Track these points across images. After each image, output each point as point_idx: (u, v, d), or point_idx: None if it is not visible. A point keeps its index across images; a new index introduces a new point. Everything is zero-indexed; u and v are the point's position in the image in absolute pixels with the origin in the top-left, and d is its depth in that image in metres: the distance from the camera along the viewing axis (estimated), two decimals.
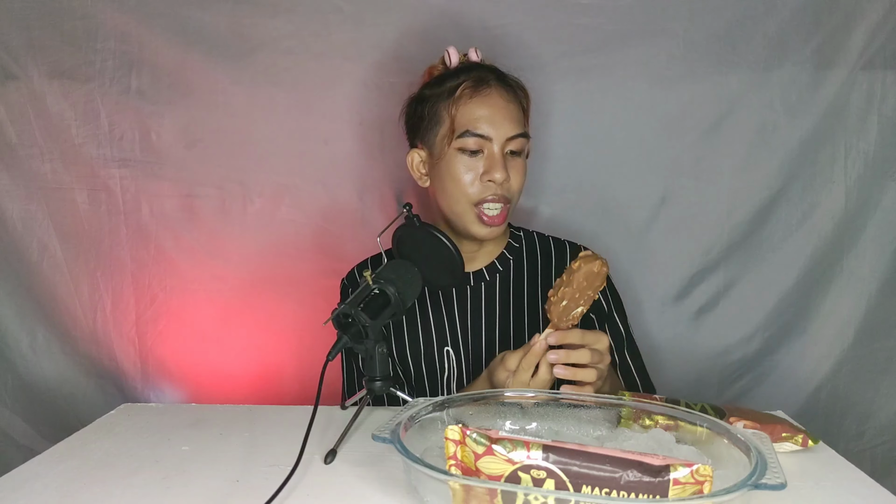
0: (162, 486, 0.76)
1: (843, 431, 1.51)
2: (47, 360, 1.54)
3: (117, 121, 1.46)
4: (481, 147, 1.07)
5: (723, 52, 1.42)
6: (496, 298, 1.17)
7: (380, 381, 0.93)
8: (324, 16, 1.43)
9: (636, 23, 1.41)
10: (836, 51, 1.40)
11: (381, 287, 0.91)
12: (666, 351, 1.53)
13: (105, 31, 1.43)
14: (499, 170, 1.05)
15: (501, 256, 1.19)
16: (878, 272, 1.45)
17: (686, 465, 0.59)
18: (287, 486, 0.71)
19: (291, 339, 1.53)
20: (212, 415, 1.00)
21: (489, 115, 1.07)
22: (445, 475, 0.62)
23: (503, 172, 1.06)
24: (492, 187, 1.07)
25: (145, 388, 1.56)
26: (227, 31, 1.44)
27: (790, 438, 0.83)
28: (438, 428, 0.76)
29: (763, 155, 1.45)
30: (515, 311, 1.16)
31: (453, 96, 1.09)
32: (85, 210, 1.50)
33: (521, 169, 1.11)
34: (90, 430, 0.95)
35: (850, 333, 1.48)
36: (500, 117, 1.07)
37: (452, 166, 1.09)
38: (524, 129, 1.10)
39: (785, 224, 1.47)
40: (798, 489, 0.73)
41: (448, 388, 1.15)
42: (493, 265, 1.18)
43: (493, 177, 1.06)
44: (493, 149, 1.07)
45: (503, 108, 1.08)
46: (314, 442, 0.86)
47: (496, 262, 1.19)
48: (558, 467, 0.61)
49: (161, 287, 1.53)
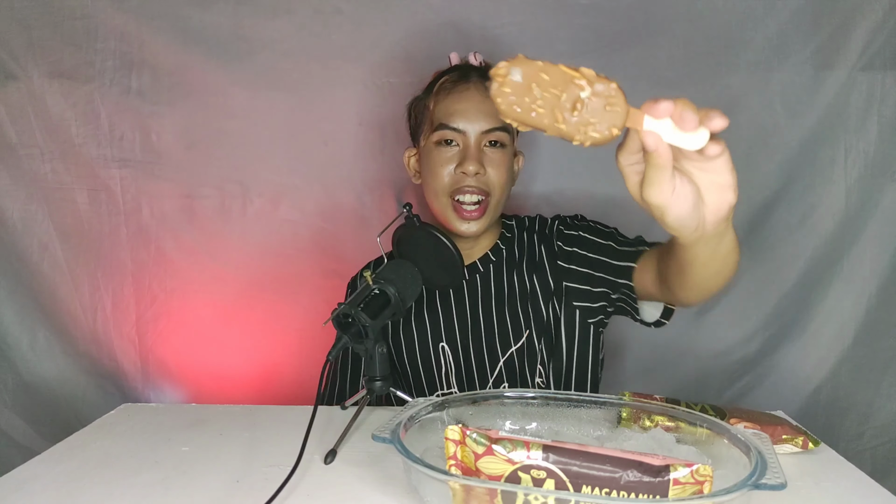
0: (162, 486, 0.76)
1: (843, 431, 1.51)
2: (47, 360, 1.54)
3: (117, 121, 1.47)
4: (457, 140, 1.09)
5: (723, 54, 1.42)
6: (491, 289, 1.16)
7: (380, 381, 0.93)
8: (324, 17, 1.43)
9: (636, 24, 1.41)
10: (835, 52, 1.40)
11: (381, 287, 0.91)
12: (666, 351, 1.53)
13: (105, 31, 1.43)
14: (472, 162, 1.07)
15: (495, 247, 1.19)
16: (878, 272, 1.45)
17: (686, 465, 0.59)
18: (287, 486, 0.71)
19: (291, 340, 1.53)
20: (212, 415, 1.00)
21: (464, 110, 1.08)
22: (445, 475, 0.61)
23: (476, 165, 1.07)
24: (465, 178, 1.08)
25: (145, 389, 1.56)
26: (228, 31, 1.44)
27: (790, 440, 0.82)
28: (438, 428, 0.76)
29: (763, 155, 1.44)
30: (509, 297, 1.15)
31: (432, 91, 1.12)
32: (85, 210, 1.50)
33: (501, 162, 1.10)
34: (90, 431, 0.95)
35: (850, 333, 1.48)
36: (475, 111, 1.08)
37: (430, 159, 1.11)
38: (504, 124, 1.09)
39: (785, 224, 1.47)
40: (798, 489, 0.73)
41: (447, 384, 1.15)
42: (486, 256, 1.18)
43: (465, 168, 1.07)
44: (469, 142, 1.08)
45: (480, 102, 1.08)
46: (314, 442, 0.86)
47: (489, 253, 1.18)
48: (558, 467, 0.61)
49: (161, 287, 1.53)
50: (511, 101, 0.58)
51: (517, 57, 0.58)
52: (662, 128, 0.56)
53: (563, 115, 0.58)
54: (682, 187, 0.60)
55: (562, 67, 0.57)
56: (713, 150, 0.56)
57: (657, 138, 0.55)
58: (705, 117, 0.54)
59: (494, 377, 1.12)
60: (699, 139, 0.56)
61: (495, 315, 1.15)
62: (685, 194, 0.60)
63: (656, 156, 0.56)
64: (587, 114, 0.57)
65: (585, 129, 0.58)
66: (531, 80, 0.57)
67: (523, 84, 0.57)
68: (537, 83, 0.57)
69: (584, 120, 0.57)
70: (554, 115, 0.58)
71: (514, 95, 0.57)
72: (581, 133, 0.58)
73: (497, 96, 0.58)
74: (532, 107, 0.58)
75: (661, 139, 0.56)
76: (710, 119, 0.55)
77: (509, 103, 0.58)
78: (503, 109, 0.58)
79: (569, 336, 1.13)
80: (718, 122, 0.55)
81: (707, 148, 0.56)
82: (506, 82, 0.57)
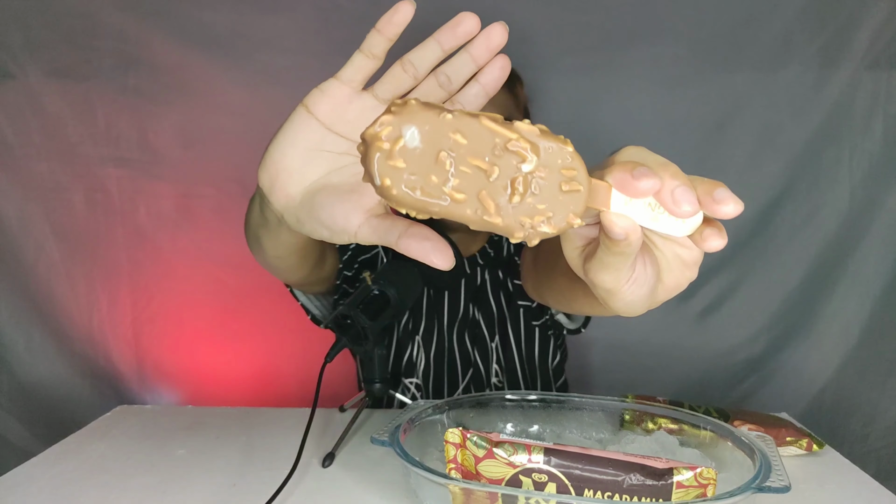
0: (158, 489, 0.75)
1: (847, 433, 1.50)
2: (43, 362, 1.53)
3: (114, 120, 1.46)
4: None
5: (727, 52, 1.41)
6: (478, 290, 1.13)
7: (379, 383, 0.92)
8: (324, 13, 1.43)
9: (641, 22, 1.41)
10: (840, 50, 1.39)
11: (380, 288, 0.90)
12: (670, 352, 1.52)
13: (103, 29, 1.42)
14: None
15: (482, 250, 1.15)
16: (883, 273, 1.44)
17: (690, 469, 0.59)
18: (284, 490, 0.71)
19: (289, 341, 1.52)
20: (208, 417, 0.99)
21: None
22: (445, 479, 0.61)
23: None
24: None
25: (141, 390, 1.55)
26: (226, 29, 1.43)
27: (795, 442, 0.82)
28: (438, 431, 0.75)
29: (768, 155, 1.44)
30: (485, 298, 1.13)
31: None
32: (81, 210, 1.49)
33: None
34: (86, 433, 0.94)
35: (855, 334, 1.47)
36: None
37: None
38: (505, 114, 1.06)
39: (790, 224, 1.46)
40: (802, 492, 0.73)
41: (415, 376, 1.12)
42: (473, 258, 1.14)
43: None
44: None
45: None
46: (312, 445, 0.85)
47: (477, 256, 1.15)
48: (560, 471, 0.61)
49: (158, 288, 1.52)
50: (408, 181, 0.37)
51: (407, 103, 0.37)
52: (635, 208, 0.39)
53: (495, 201, 0.37)
54: (643, 272, 0.43)
55: (484, 121, 0.37)
56: (714, 244, 0.38)
57: (630, 224, 0.38)
58: (706, 196, 0.36)
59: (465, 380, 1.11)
60: (689, 224, 0.39)
61: (470, 314, 1.12)
62: (644, 280, 0.43)
63: (624, 245, 0.39)
64: (533, 198, 0.37)
65: (532, 220, 0.38)
66: (438, 145, 0.37)
67: (425, 152, 0.37)
68: (449, 150, 0.37)
69: (528, 208, 0.37)
70: (481, 202, 0.37)
71: (412, 172, 0.37)
72: (525, 228, 0.38)
73: (384, 175, 0.37)
74: (443, 191, 0.37)
75: (635, 224, 0.38)
76: (715, 201, 0.36)
77: (404, 186, 0.37)
78: (396, 196, 0.37)
79: (516, 337, 1.11)
80: (729, 209, 0.36)
81: (705, 241, 0.39)
82: (395, 151, 0.37)
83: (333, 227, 0.47)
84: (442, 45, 0.46)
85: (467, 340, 1.11)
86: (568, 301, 0.76)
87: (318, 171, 0.49)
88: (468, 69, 0.47)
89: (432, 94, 0.48)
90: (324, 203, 0.47)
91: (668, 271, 0.44)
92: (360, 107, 0.48)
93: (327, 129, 0.49)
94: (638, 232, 0.39)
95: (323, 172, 0.49)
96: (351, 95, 0.48)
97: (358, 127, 0.48)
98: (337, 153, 0.49)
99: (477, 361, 1.10)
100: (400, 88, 0.48)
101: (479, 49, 0.46)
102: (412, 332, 1.12)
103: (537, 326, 1.11)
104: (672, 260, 0.44)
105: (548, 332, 1.12)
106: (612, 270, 0.41)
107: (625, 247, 0.39)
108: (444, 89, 0.48)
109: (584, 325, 1.10)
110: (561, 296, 0.79)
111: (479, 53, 0.46)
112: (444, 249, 0.42)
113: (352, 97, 0.48)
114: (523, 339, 1.10)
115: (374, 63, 0.48)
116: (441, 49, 0.47)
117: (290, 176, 0.49)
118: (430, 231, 0.43)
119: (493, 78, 0.47)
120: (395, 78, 0.48)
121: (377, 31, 0.46)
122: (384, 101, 0.48)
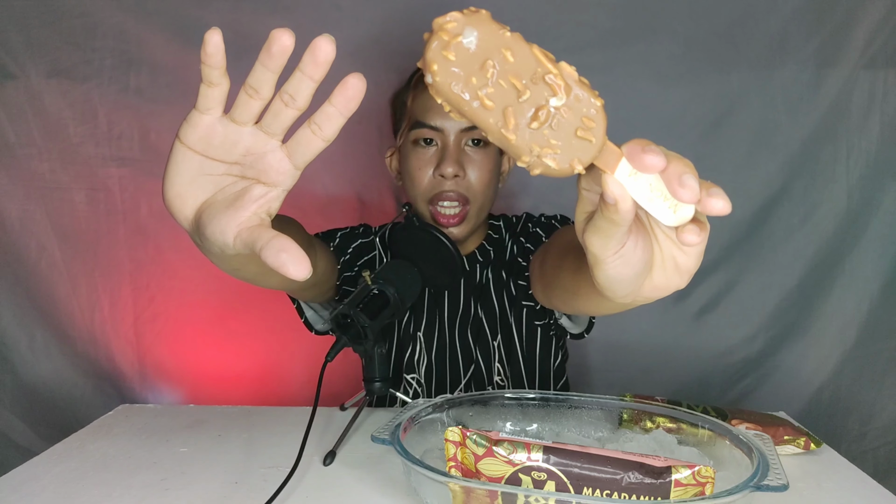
0: (160, 487, 0.76)
1: (845, 432, 1.51)
2: (45, 361, 1.54)
3: (116, 120, 1.46)
4: (435, 139, 1.03)
5: (724, 51, 1.41)
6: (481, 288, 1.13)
7: (379, 382, 0.92)
8: (322, 13, 1.43)
9: (637, 20, 1.41)
10: (837, 49, 1.39)
11: (380, 287, 0.91)
12: (668, 352, 1.52)
13: (103, 29, 1.42)
14: (450, 163, 1.00)
15: (481, 247, 1.14)
16: (880, 272, 1.45)
17: (688, 467, 0.59)
18: (286, 488, 0.71)
19: (290, 340, 1.52)
20: (210, 416, 1.00)
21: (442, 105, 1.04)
22: (445, 477, 0.61)
23: (454, 166, 1.00)
24: (444, 182, 1.02)
25: (143, 389, 1.55)
26: (226, 29, 1.41)
27: (792, 441, 0.82)
28: (438, 429, 0.76)
29: (764, 154, 1.44)
30: (488, 297, 1.12)
31: (409, 86, 1.07)
32: (83, 210, 1.49)
33: (483, 163, 1.03)
34: (88, 431, 0.95)
35: (852, 334, 1.47)
36: None
37: (408, 161, 1.05)
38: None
39: (786, 224, 1.46)
40: (800, 490, 0.73)
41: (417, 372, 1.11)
42: (472, 255, 1.13)
43: (443, 171, 1.00)
44: (448, 141, 1.02)
45: None
46: (313, 443, 0.85)
47: (476, 253, 1.14)
48: (559, 469, 0.61)
49: (159, 287, 1.52)
50: (452, 74, 0.40)
51: (479, 11, 0.40)
52: (637, 184, 0.42)
53: (516, 120, 0.40)
54: (631, 252, 0.46)
55: (536, 51, 0.40)
56: (690, 238, 0.43)
57: (623, 192, 0.41)
58: (702, 188, 0.41)
59: (467, 378, 1.11)
60: (680, 214, 0.42)
61: (472, 312, 1.12)
62: (632, 261, 0.46)
63: (613, 211, 0.42)
64: (550, 131, 0.40)
65: (541, 150, 0.40)
66: (489, 54, 0.40)
67: (476, 56, 0.40)
68: (496, 62, 0.40)
69: (542, 138, 0.40)
70: (504, 116, 0.40)
71: (459, 67, 0.40)
72: (532, 154, 0.41)
73: (433, 60, 0.40)
74: (478, 94, 0.40)
75: (627, 195, 0.42)
76: (708, 196, 0.40)
77: (448, 76, 0.40)
78: (437, 82, 0.40)
79: (519, 337, 1.10)
80: (719, 205, 0.40)
81: (684, 232, 0.42)
82: (452, 44, 0.40)
83: (216, 240, 0.51)
84: (266, 67, 0.48)
85: (469, 338, 1.11)
86: (573, 296, 0.78)
87: (203, 193, 0.52)
88: (305, 85, 0.48)
89: (281, 114, 0.49)
90: (208, 221, 0.51)
91: (660, 268, 0.48)
92: (224, 132, 0.50)
93: (202, 156, 0.51)
94: (628, 203, 0.42)
95: (209, 194, 0.52)
96: (214, 123, 0.50)
97: (228, 149, 0.50)
98: (217, 175, 0.52)
99: (479, 359, 1.10)
100: (252, 111, 0.49)
101: (307, 65, 0.47)
102: (414, 329, 1.12)
103: (540, 326, 1.11)
104: (667, 258, 0.47)
105: (550, 333, 1.12)
106: (602, 235, 0.45)
107: (614, 213, 0.42)
108: (290, 107, 0.49)
109: (588, 329, 1.09)
110: (566, 293, 0.80)
111: (309, 70, 0.47)
112: (300, 260, 0.45)
113: (215, 124, 0.50)
114: (526, 338, 1.10)
115: (218, 90, 0.49)
116: (267, 70, 0.48)
117: (183, 202, 0.53)
118: (289, 242, 0.46)
119: (344, 98, 0.48)
120: (243, 102, 0.49)
121: (202, 63, 0.49)
122: (242, 123, 0.50)
